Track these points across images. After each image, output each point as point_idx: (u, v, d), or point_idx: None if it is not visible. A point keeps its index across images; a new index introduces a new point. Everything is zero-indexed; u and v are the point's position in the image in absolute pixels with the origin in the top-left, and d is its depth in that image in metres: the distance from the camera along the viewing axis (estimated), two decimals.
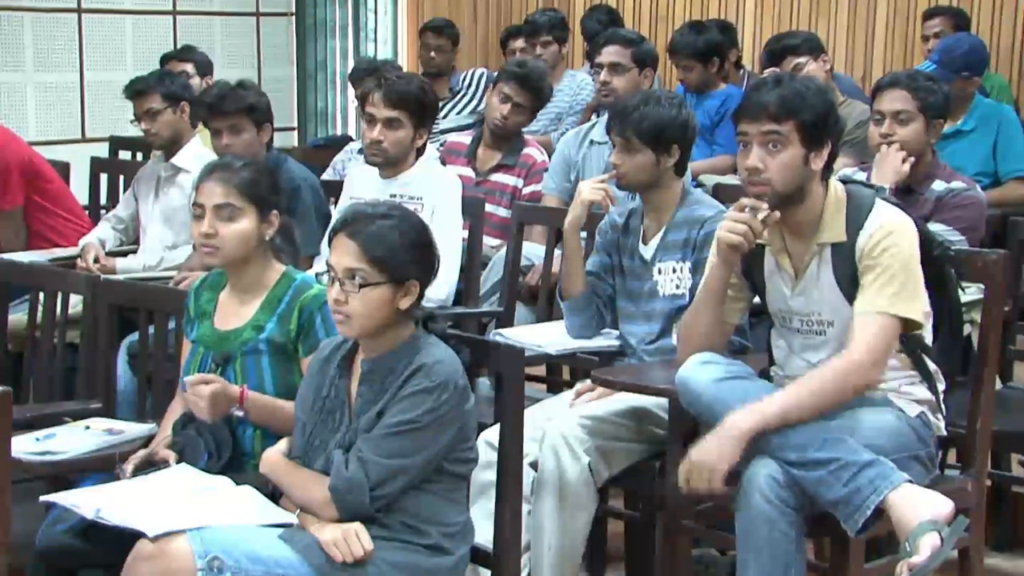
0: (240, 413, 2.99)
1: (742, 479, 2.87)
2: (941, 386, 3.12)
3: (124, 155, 6.41)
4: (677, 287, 3.57)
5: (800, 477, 2.82)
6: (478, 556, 2.92)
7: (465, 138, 5.22)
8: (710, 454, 2.84)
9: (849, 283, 2.99)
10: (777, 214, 2.98)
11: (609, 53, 4.99)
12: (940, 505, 2.79)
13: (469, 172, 4.98)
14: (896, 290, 2.92)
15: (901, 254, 2.94)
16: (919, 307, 2.96)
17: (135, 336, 3.94)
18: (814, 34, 5.87)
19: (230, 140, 4.39)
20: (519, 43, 7.15)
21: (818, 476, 2.80)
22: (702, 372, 2.97)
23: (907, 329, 2.98)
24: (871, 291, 2.93)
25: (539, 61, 5.85)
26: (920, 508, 2.77)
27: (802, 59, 5.36)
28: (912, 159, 3.91)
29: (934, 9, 6.35)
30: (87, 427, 3.25)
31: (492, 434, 3.06)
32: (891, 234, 2.95)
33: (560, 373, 4.71)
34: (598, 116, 5.36)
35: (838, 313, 3.03)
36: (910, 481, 2.82)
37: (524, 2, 8.35)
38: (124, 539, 2.62)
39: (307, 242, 4.14)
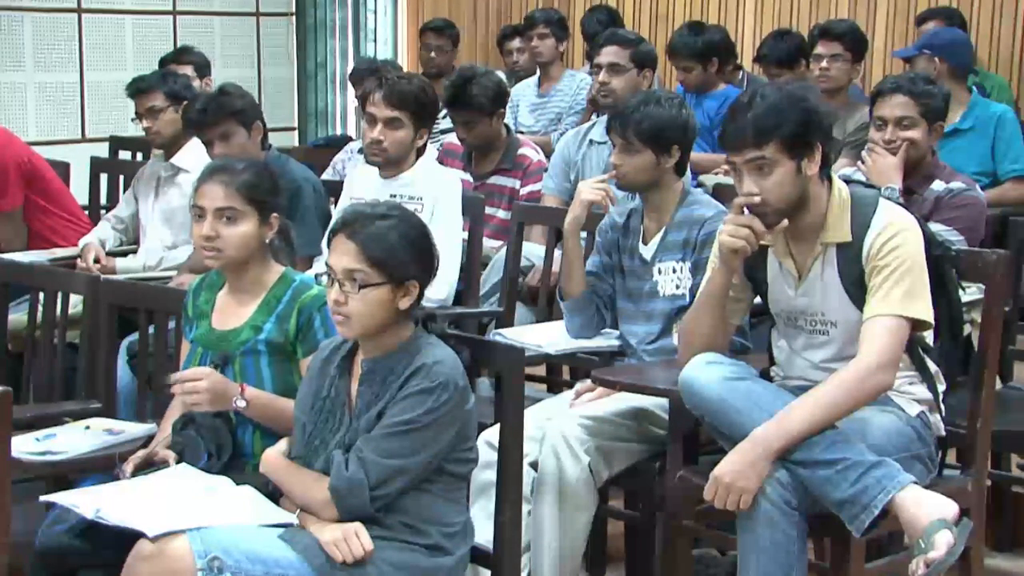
0: (243, 404, 2.98)
1: None
2: (941, 387, 3.12)
3: (124, 155, 6.40)
4: (677, 287, 3.57)
5: (806, 476, 2.82)
6: (478, 556, 2.92)
7: None
8: (743, 476, 2.82)
9: (854, 284, 2.99)
10: (785, 222, 2.98)
11: (608, 53, 4.99)
12: (947, 506, 2.79)
13: (467, 175, 4.98)
14: (905, 291, 2.92)
15: (909, 254, 2.94)
16: (927, 306, 2.96)
17: (135, 336, 3.94)
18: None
19: (222, 148, 4.36)
20: (515, 43, 7.17)
21: (825, 475, 2.80)
22: (708, 372, 2.97)
23: (917, 329, 2.98)
24: (880, 294, 2.93)
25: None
26: (928, 509, 2.77)
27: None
28: (904, 148, 3.92)
29: (926, 13, 6.33)
30: (87, 427, 3.25)
31: (492, 434, 3.06)
32: (898, 234, 2.95)
33: (560, 373, 4.71)
34: (598, 116, 5.36)
35: (842, 313, 3.03)
36: (915, 482, 2.82)
37: (524, 2, 8.36)
38: (124, 539, 2.62)
39: (308, 243, 4.14)
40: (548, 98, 6.62)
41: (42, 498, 2.81)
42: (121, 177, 5.61)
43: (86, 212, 5.39)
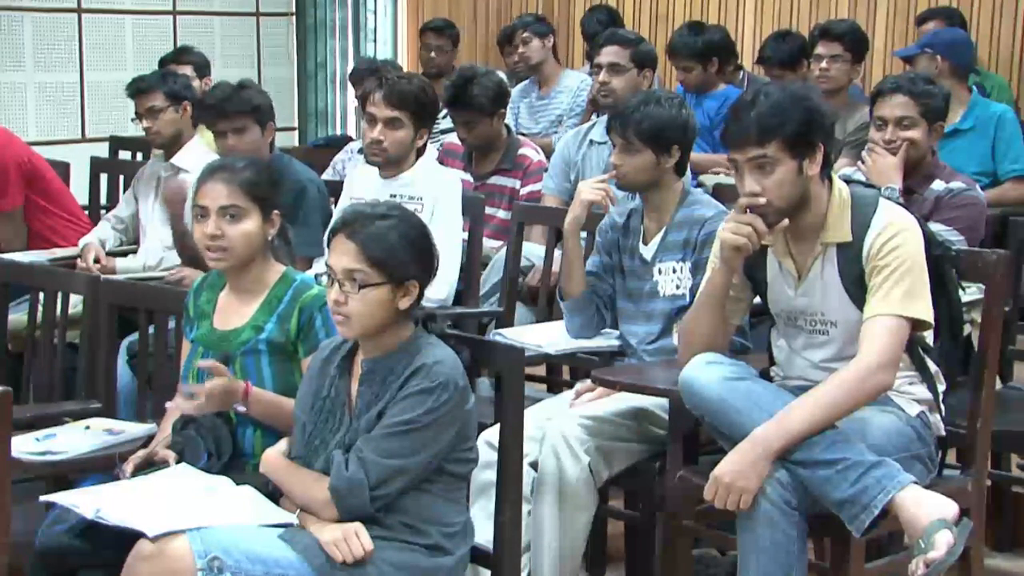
0: (242, 408, 2.98)
1: None
2: (941, 387, 3.12)
3: (124, 155, 6.40)
4: (677, 287, 3.57)
5: (806, 476, 2.82)
6: (478, 556, 2.92)
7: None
8: (743, 476, 2.82)
9: (854, 283, 2.99)
10: (786, 221, 2.98)
11: (608, 53, 4.99)
12: (947, 506, 2.79)
13: (467, 175, 4.98)
14: (905, 291, 2.92)
15: (909, 254, 2.94)
16: (927, 306, 2.96)
17: (135, 336, 3.94)
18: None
19: (235, 141, 4.37)
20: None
21: (825, 475, 2.80)
22: (708, 372, 2.97)
23: (917, 329, 2.98)
24: (880, 294, 2.93)
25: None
26: (928, 509, 2.77)
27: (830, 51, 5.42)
28: (904, 148, 3.93)
29: (927, 13, 6.33)
30: (87, 427, 3.25)
31: (492, 434, 3.06)
32: (899, 233, 2.96)
33: (560, 373, 4.71)
34: (598, 116, 5.36)
35: (842, 313, 3.03)
36: (915, 482, 2.82)
37: (524, 2, 8.35)
38: (124, 539, 2.62)
39: (311, 243, 4.14)
40: (549, 100, 6.62)
41: (42, 498, 2.81)
42: (121, 177, 5.61)
43: (86, 212, 5.39)
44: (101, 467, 3.07)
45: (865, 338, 2.93)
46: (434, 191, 4.25)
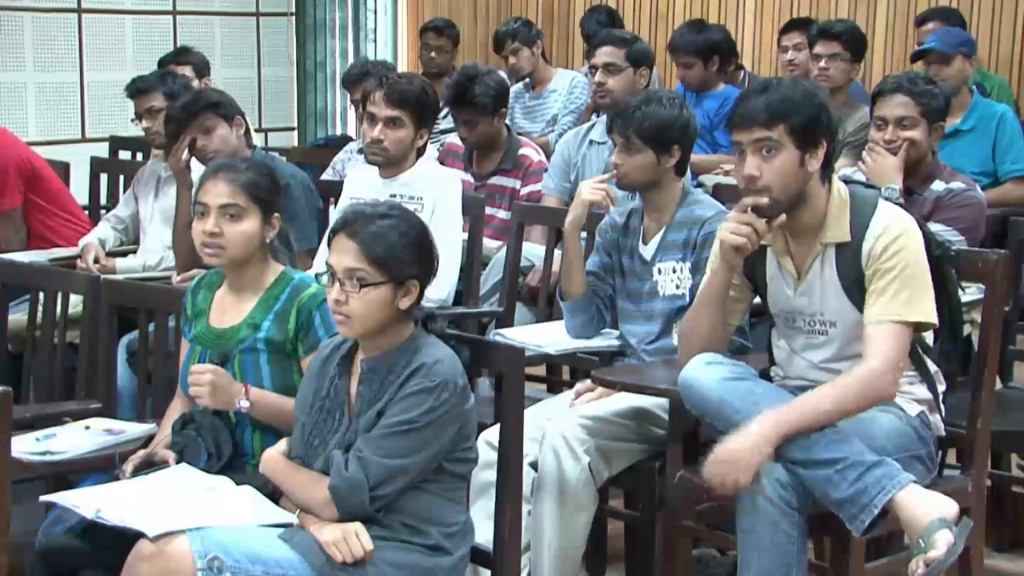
0: (246, 405, 2.98)
1: None
2: (941, 387, 3.12)
3: (124, 155, 6.41)
4: (677, 287, 3.57)
5: (805, 476, 2.82)
6: (478, 556, 2.92)
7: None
8: (745, 453, 2.80)
9: (854, 284, 2.99)
10: (783, 217, 2.98)
11: (603, 54, 4.99)
12: (947, 506, 2.79)
13: (468, 176, 4.98)
14: (908, 294, 2.92)
15: (911, 256, 2.94)
16: (930, 308, 2.96)
17: (134, 334, 3.93)
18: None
19: (205, 141, 4.33)
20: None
21: (824, 475, 2.80)
22: (708, 372, 2.96)
23: (920, 329, 2.98)
24: (884, 298, 2.93)
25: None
26: (928, 508, 2.77)
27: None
28: (904, 148, 3.93)
29: (926, 14, 6.33)
30: (87, 427, 3.25)
31: (492, 434, 3.06)
32: (900, 236, 2.96)
33: (560, 373, 4.71)
34: (598, 116, 5.36)
35: (841, 314, 3.03)
36: (915, 482, 2.82)
37: (524, 2, 8.36)
38: (124, 539, 2.62)
39: (302, 237, 4.13)
40: (542, 99, 6.62)
41: (42, 498, 2.82)
42: (121, 177, 5.61)
43: (86, 212, 5.39)
44: (101, 467, 3.07)
45: (870, 343, 2.92)
46: (434, 191, 4.25)
